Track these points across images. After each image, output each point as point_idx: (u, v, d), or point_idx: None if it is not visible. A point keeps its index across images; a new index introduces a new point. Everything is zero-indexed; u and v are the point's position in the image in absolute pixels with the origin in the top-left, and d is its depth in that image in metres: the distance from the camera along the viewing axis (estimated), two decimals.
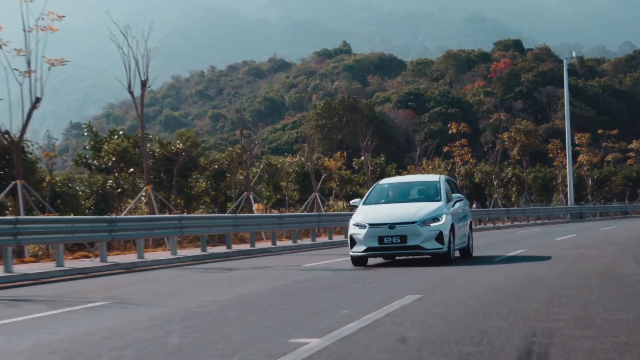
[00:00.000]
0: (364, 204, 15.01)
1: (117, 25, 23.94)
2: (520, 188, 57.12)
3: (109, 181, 29.15)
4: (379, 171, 44.65)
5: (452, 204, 14.78)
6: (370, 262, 14.69)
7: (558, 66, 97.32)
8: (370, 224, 13.93)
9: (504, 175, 57.32)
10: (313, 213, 30.98)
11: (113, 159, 27.45)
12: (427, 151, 52.30)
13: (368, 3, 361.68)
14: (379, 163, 46.41)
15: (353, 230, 14.18)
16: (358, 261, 14.23)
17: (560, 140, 60.71)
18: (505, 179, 57.49)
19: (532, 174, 59.56)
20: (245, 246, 23.41)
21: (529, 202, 55.17)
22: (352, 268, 13.98)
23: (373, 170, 42.57)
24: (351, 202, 15.91)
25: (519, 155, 54.33)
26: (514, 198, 57.36)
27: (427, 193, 15.17)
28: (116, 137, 29.11)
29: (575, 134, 60.64)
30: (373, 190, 15.74)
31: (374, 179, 34.51)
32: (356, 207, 15.13)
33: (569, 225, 40.69)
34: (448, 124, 60.39)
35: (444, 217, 13.98)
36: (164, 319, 7.71)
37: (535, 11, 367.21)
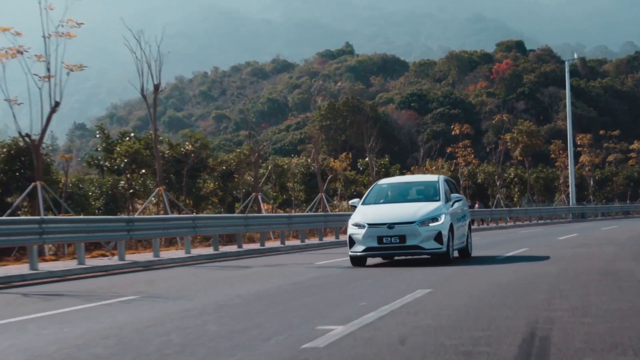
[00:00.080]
0: (363, 204, 14.99)
1: (131, 30, 24.66)
2: (522, 188, 57.72)
3: (121, 182, 29.82)
4: (383, 172, 45.17)
5: (451, 204, 14.79)
6: (369, 262, 14.73)
7: (560, 67, 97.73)
8: (369, 224, 13.94)
9: (507, 175, 57.91)
10: (320, 213, 31.61)
11: (125, 161, 28.09)
12: (431, 152, 52.83)
13: (370, 3, 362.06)
14: (384, 164, 46.95)
15: (352, 230, 14.17)
16: (357, 261, 14.22)
17: (562, 141, 61.12)
18: (507, 180, 58.11)
19: (535, 175, 60.21)
20: (254, 245, 24.03)
21: (531, 203, 55.76)
22: (368, 264, 14.46)
23: (377, 171, 43.16)
24: (350, 202, 15.85)
25: (522, 156, 54.74)
26: (517, 198, 57.92)
27: (426, 193, 15.16)
28: (128, 139, 29.77)
29: (577, 135, 61.09)
30: (372, 190, 15.71)
31: (379, 180, 35.07)
32: (355, 207, 15.08)
33: (571, 225, 41.25)
34: (451, 125, 61.01)
35: (443, 217, 14.02)
36: (197, 310, 8.38)
37: (536, 11, 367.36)
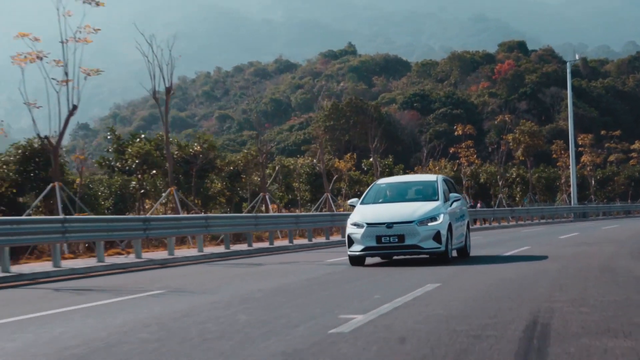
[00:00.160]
0: (362, 204, 15.06)
1: (143, 34, 25.30)
2: (524, 188, 58.35)
3: (132, 182, 30.51)
4: (387, 172, 45.77)
5: (450, 204, 14.86)
6: (371, 262, 14.94)
7: (562, 67, 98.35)
8: (368, 224, 13.99)
9: (509, 175, 58.56)
10: (327, 213, 32.26)
11: (136, 162, 28.77)
12: (434, 152, 53.44)
13: (371, 3, 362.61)
14: (387, 164, 47.56)
15: (351, 229, 14.21)
16: (356, 261, 14.27)
17: (563, 141, 61.68)
18: (509, 180, 58.75)
19: (536, 175, 60.82)
20: (264, 244, 24.70)
21: (533, 202, 56.38)
22: (373, 262, 15.14)
23: (382, 171, 43.77)
24: (349, 202, 15.87)
25: (523, 156, 55.30)
26: (519, 198, 58.53)
27: (425, 193, 15.19)
28: (138, 141, 30.44)
29: (578, 135, 61.72)
30: (371, 189, 15.75)
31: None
32: (354, 207, 15.16)
33: (572, 224, 41.87)
34: (453, 125, 61.65)
35: (442, 217, 14.08)
36: (224, 303, 9.05)
37: (538, 11, 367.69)
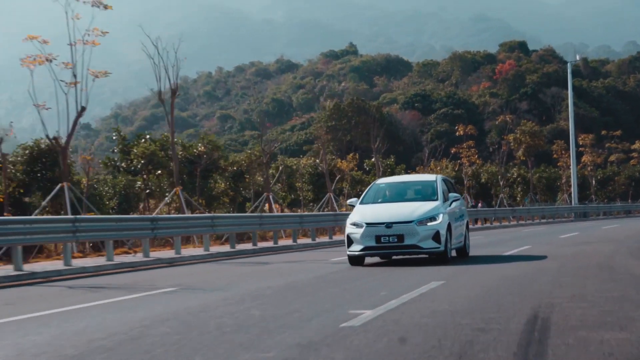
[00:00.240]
0: (361, 204, 15.08)
1: (149, 37, 25.66)
2: (525, 188, 58.70)
3: (138, 182, 30.88)
4: (389, 172, 46.09)
5: (449, 204, 14.92)
6: (371, 262, 15.04)
7: (562, 67, 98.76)
8: (367, 223, 14.02)
9: (510, 175, 58.90)
10: (330, 212, 32.60)
11: (142, 162, 29.13)
12: (435, 152, 53.77)
13: (372, 3, 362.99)
14: (389, 164, 47.90)
15: (350, 229, 14.23)
16: (355, 260, 14.29)
17: (564, 141, 62.02)
18: (510, 179, 59.08)
19: (537, 174, 61.17)
20: (268, 243, 25.00)
21: (534, 202, 56.73)
22: (378, 261, 15.48)
23: (383, 171, 44.11)
24: (348, 202, 15.92)
25: (524, 156, 55.64)
26: (519, 198, 58.87)
27: (424, 193, 15.23)
28: (143, 141, 30.81)
29: (579, 135, 62.03)
30: (370, 189, 15.76)
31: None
32: (353, 207, 15.19)
33: (573, 224, 42.18)
34: (454, 125, 62.00)
35: (441, 217, 14.13)
36: (236, 299, 9.38)
37: (539, 10, 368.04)
